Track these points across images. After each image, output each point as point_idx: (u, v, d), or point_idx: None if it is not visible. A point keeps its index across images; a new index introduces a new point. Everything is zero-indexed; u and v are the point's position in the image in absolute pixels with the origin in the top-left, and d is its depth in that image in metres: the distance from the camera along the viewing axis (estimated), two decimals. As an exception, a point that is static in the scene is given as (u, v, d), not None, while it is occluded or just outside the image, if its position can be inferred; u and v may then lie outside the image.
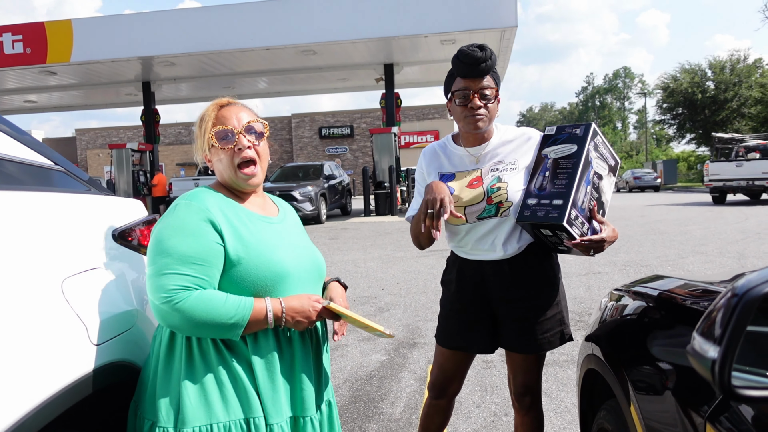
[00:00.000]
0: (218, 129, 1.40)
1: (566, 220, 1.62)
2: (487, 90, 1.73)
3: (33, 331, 1.14)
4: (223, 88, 21.22)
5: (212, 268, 1.29)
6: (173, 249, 1.27)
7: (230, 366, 1.31)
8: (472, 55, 1.69)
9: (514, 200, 1.76)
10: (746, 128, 34.26)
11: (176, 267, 1.26)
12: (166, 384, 1.30)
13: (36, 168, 1.56)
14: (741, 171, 16.48)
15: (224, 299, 1.27)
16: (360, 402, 3.19)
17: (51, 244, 1.35)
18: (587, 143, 1.72)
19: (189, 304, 1.23)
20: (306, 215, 14.23)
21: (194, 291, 1.25)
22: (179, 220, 1.31)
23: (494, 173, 1.80)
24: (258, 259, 1.34)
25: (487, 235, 1.81)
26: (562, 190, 1.68)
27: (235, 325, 1.26)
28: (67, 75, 18.00)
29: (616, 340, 1.56)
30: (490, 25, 14.62)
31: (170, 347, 1.32)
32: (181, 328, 1.26)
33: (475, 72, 1.71)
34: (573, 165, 1.70)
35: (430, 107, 39.31)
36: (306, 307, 1.35)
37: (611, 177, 1.83)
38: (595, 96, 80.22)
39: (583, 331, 4.29)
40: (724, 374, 0.69)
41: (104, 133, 42.38)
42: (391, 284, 6.41)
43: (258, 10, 15.74)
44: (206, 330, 1.26)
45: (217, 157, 1.42)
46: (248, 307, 1.28)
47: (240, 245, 1.33)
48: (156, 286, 1.26)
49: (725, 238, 9.11)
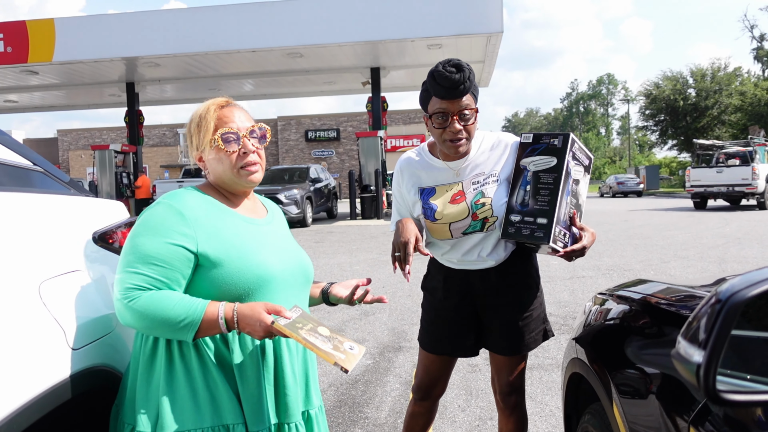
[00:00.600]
0: (224, 131, 1.36)
1: (552, 239, 1.66)
2: (466, 110, 1.66)
3: (8, 335, 1.11)
4: (208, 90, 21.06)
5: (173, 271, 1.27)
6: (138, 247, 1.26)
7: (210, 371, 1.28)
8: (449, 78, 1.61)
9: (499, 214, 1.76)
10: (726, 135, 34.90)
11: (137, 265, 1.25)
12: (146, 388, 1.27)
13: (14, 168, 1.53)
14: (721, 177, 16.76)
15: (176, 301, 1.24)
16: (345, 406, 3.17)
17: (28, 246, 1.32)
18: (567, 155, 1.71)
19: (140, 304, 1.22)
20: (292, 218, 14.16)
21: (147, 291, 1.24)
22: (152, 218, 1.30)
23: (476, 186, 1.77)
24: (240, 261, 1.31)
25: (474, 249, 1.81)
26: (545, 207, 1.69)
27: (186, 327, 1.23)
28: (49, 75, 17.74)
29: (600, 344, 1.57)
30: (476, 31, 14.72)
31: (153, 351, 1.29)
32: (133, 326, 1.25)
33: (452, 94, 1.63)
34: (554, 180, 1.70)
35: (417, 111, 39.40)
36: (254, 319, 1.23)
37: (586, 176, 1.84)
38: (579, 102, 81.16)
39: (567, 335, 4.31)
40: (708, 379, 0.69)
41: (87, 134, 41.83)
42: (377, 288, 6.39)
43: (244, 11, 15.66)
44: (158, 330, 1.24)
45: (217, 158, 1.38)
46: (199, 311, 1.24)
47: (221, 247, 1.31)
48: (117, 280, 1.26)
49: (706, 243, 9.25)
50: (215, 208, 1.37)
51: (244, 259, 1.32)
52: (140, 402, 1.27)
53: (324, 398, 3.28)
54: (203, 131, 1.38)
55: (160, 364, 1.28)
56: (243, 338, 1.33)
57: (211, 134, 1.37)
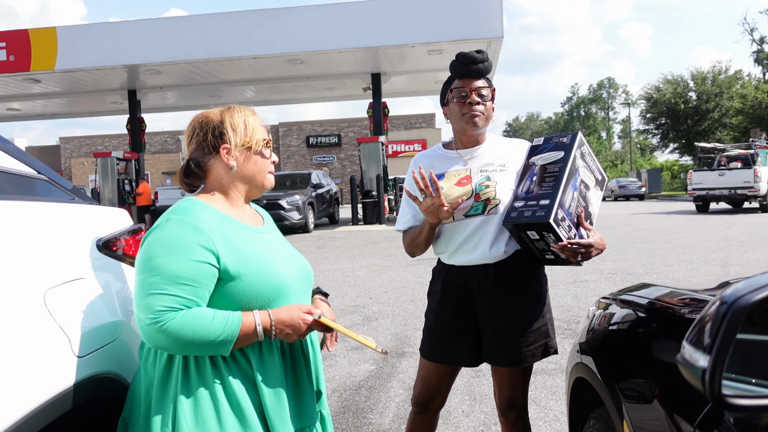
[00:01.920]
0: (269, 139, 1.49)
1: (552, 218, 1.62)
2: (484, 90, 1.80)
3: (14, 344, 1.12)
4: (210, 96, 21.14)
5: (202, 289, 1.25)
6: (162, 268, 1.23)
7: (228, 383, 1.27)
8: (469, 56, 1.78)
9: (502, 198, 1.77)
10: (728, 138, 34.90)
11: (165, 287, 1.21)
12: (161, 402, 1.25)
13: (18, 177, 1.54)
14: (723, 180, 16.75)
15: (211, 317, 1.23)
16: (349, 412, 3.16)
17: (33, 255, 1.32)
18: (574, 149, 1.75)
19: (175, 325, 1.19)
20: (293, 224, 14.16)
21: (180, 311, 1.22)
22: (171, 236, 1.26)
23: (483, 173, 1.82)
24: (258, 273, 1.31)
25: (474, 234, 1.80)
26: (549, 191, 1.69)
27: (224, 341, 1.23)
28: (51, 83, 17.82)
29: (604, 349, 1.56)
30: (477, 36, 14.75)
31: (168, 366, 1.28)
32: (168, 348, 1.22)
33: (472, 71, 1.78)
34: (560, 169, 1.72)
35: (418, 116, 39.50)
36: (296, 320, 1.31)
37: (598, 190, 1.84)
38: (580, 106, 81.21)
39: (571, 339, 4.31)
40: (714, 383, 0.69)
41: (89, 142, 41.97)
42: (380, 293, 6.39)
43: (245, 19, 15.74)
44: (194, 349, 1.22)
45: (254, 161, 1.44)
46: (237, 323, 1.24)
47: (239, 261, 1.30)
48: (143, 305, 1.22)
49: (709, 246, 9.23)
50: (224, 219, 1.36)
51: (262, 271, 1.32)
52: (155, 415, 1.24)
53: (328, 404, 3.27)
54: (250, 132, 1.43)
55: (176, 377, 1.26)
56: (264, 348, 1.33)
57: (261, 137, 1.45)
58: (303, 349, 1.43)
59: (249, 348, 1.30)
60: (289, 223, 13.88)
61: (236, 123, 1.41)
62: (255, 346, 1.31)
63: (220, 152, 1.40)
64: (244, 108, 1.47)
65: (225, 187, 1.42)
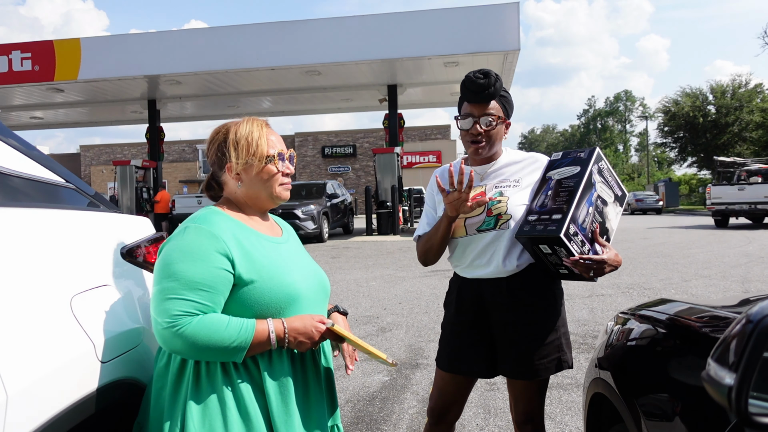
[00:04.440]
0: (279, 151, 1.45)
1: (564, 232, 1.61)
2: (490, 117, 1.78)
3: (41, 348, 1.14)
4: (227, 106, 21.42)
5: (218, 295, 1.29)
6: (180, 273, 1.26)
7: (239, 390, 1.29)
8: (475, 83, 1.75)
9: (513, 213, 1.78)
10: (748, 152, 34.39)
11: (182, 292, 1.25)
12: (172, 407, 1.28)
13: (46, 185, 1.58)
14: (743, 195, 16.49)
15: (226, 323, 1.26)
16: (362, 423, 3.15)
17: (61, 261, 1.35)
18: (590, 165, 1.74)
19: (191, 330, 1.23)
20: (308, 234, 14.22)
21: (196, 316, 1.25)
22: (189, 243, 1.30)
23: (497, 188, 1.85)
24: (271, 281, 1.34)
25: (486, 249, 1.81)
26: (562, 206, 1.70)
27: (238, 348, 1.26)
28: (73, 92, 18.20)
29: (623, 365, 1.55)
30: (493, 48, 14.79)
31: (180, 371, 1.30)
32: (182, 352, 1.25)
33: (477, 98, 1.77)
34: (575, 183, 1.72)
35: (433, 128, 39.57)
36: (309, 328, 1.34)
37: (617, 206, 1.82)
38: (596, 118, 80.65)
39: (586, 353, 4.26)
40: (741, 401, 0.68)
41: (108, 150, 42.70)
42: (394, 304, 6.38)
43: (264, 31, 15.97)
44: (208, 354, 1.25)
45: (262, 175, 1.43)
46: (250, 330, 1.27)
47: (252, 267, 1.33)
48: (160, 309, 1.25)
49: (728, 261, 9.08)
50: (241, 228, 1.40)
51: (275, 279, 1.35)
52: (166, 420, 1.27)
53: (341, 415, 3.27)
54: (253, 148, 1.41)
55: (187, 382, 1.29)
56: (274, 357, 1.35)
57: (265, 152, 1.42)
58: (314, 359, 1.44)
59: (259, 356, 1.32)
60: (303, 232, 13.95)
61: (238, 140, 1.42)
62: (265, 355, 1.33)
63: (226, 170, 1.44)
64: (252, 121, 1.46)
65: (239, 199, 1.46)
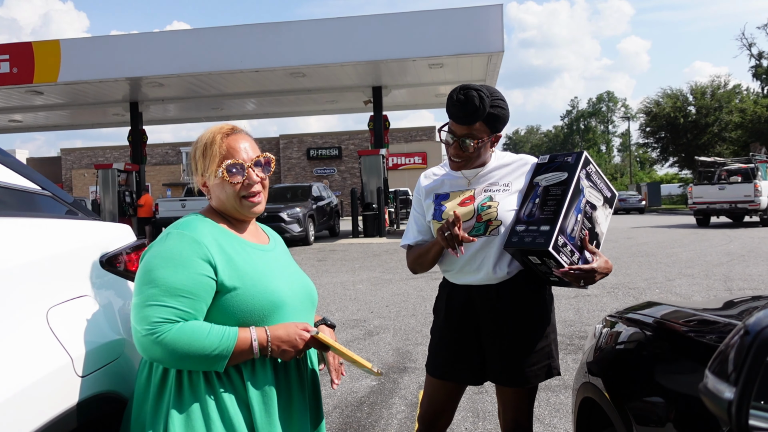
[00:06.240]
0: (230, 162, 1.35)
1: (552, 245, 1.59)
2: (469, 138, 1.74)
3: (16, 363, 1.10)
4: (211, 109, 21.24)
5: (200, 302, 1.26)
6: (161, 280, 1.23)
7: (222, 400, 1.27)
8: (455, 105, 1.71)
9: (504, 219, 1.76)
10: (727, 152, 34.98)
11: (162, 299, 1.22)
12: (155, 418, 1.25)
13: (21, 192, 1.53)
14: (724, 194, 16.78)
15: (207, 330, 1.23)
16: (350, 429, 3.12)
17: (36, 272, 1.31)
18: (578, 171, 1.71)
19: (171, 337, 1.19)
20: (294, 237, 14.14)
21: (177, 323, 1.21)
22: (170, 250, 1.27)
23: (486, 193, 1.82)
24: (254, 288, 1.31)
25: (476, 255, 1.79)
26: (549, 216, 1.67)
27: (219, 356, 1.23)
28: (53, 95, 17.91)
29: (614, 370, 1.55)
30: (477, 50, 14.86)
31: (162, 381, 1.28)
32: (163, 361, 1.22)
33: (460, 120, 1.73)
34: (562, 192, 1.69)
35: (418, 129, 39.65)
36: (293, 336, 1.31)
37: (607, 209, 1.80)
38: (579, 119, 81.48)
39: (573, 354, 4.27)
40: (741, 415, 0.67)
41: (90, 153, 42.09)
42: (381, 307, 6.35)
43: (247, 32, 15.86)
44: (189, 362, 1.22)
45: (221, 187, 1.38)
46: (232, 338, 1.24)
47: (235, 274, 1.30)
48: (140, 316, 1.22)
49: (711, 260, 9.21)
50: (224, 235, 1.37)
51: (258, 286, 1.32)
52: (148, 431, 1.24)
53: (329, 421, 3.23)
54: (209, 159, 1.37)
55: (169, 393, 1.26)
56: (257, 366, 1.32)
57: (217, 164, 1.36)
58: (299, 368, 1.41)
59: (243, 365, 1.30)
60: (289, 235, 13.86)
61: (197, 153, 1.40)
62: (248, 363, 1.31)
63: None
64: (215, 130, 1.40)
65: (219, 208, 1.43)
